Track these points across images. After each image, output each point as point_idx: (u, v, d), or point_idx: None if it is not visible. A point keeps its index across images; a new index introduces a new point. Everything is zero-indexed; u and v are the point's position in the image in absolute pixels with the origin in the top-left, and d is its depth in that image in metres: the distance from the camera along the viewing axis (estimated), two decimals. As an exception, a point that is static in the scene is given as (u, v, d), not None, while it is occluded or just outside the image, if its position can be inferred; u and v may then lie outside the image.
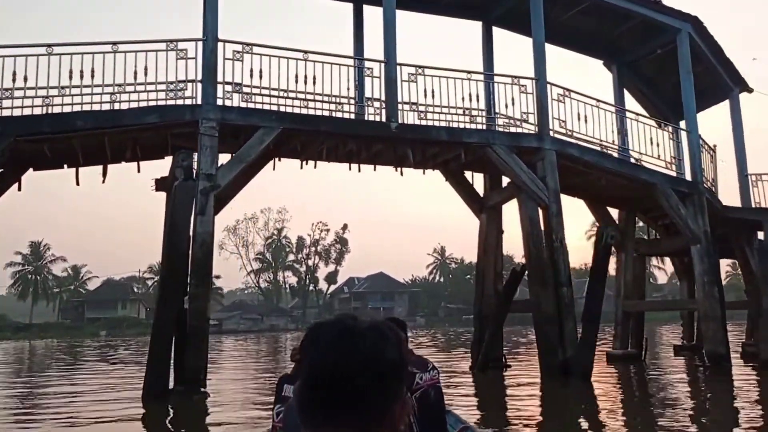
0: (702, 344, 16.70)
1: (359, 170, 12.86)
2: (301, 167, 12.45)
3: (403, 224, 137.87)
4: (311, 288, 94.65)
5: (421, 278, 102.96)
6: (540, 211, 12.14)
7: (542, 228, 12.07)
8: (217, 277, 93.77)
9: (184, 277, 9.58)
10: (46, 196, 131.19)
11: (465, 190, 13.99)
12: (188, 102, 10.37)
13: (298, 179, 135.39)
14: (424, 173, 13.60)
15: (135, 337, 61.92)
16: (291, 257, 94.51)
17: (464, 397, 10.82)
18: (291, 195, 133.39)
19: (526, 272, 12.49)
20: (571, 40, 15.15)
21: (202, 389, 9.51)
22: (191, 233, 9.80)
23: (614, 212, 15.83)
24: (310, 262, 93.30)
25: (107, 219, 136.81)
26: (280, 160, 12.25)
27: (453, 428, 4.09)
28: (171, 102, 10.30)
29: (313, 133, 11.02)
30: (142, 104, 10.20)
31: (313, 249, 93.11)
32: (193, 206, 9.86)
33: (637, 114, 13.78)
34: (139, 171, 11.48)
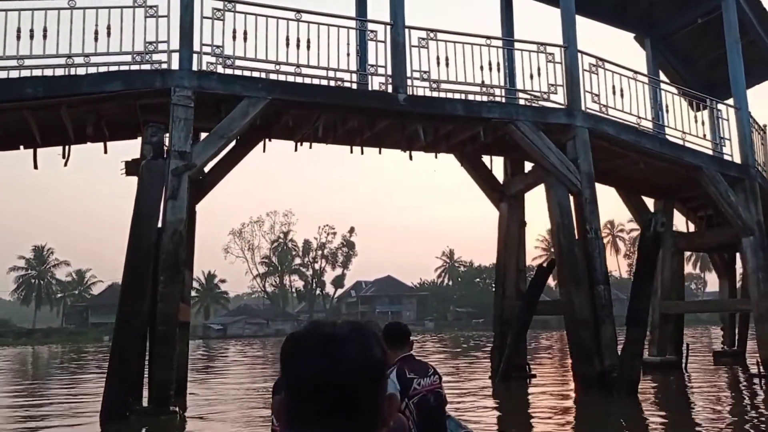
0: (745, 350, 15.06)
1: (362, 152, 11.27)
2: (296, 149, 10.87)
3: (411, 227, 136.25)
4: (318, 292, 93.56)
5: (430, 282, 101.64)
6: (571, 198, 10.51)
7: (574, 217, 10.43)
8: (223, 281, 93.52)
9: (152, 275, 7.99)
10: (48, 198, 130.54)
11: (483, 177, 12.34)
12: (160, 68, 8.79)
13: (304, 181, 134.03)
14: (436, 157, 11.97)
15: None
16: (297, 261, 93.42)
17: (485, 412, 9.20)
18: (297, 198, 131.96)
19: (555, 269, 10.83)
20: (599, 11, 13.47)
21: (173, 408, 7.89)
22: (161, 222, 8.21)
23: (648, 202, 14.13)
24: (316, 266, 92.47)
25: (112, 222, 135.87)
26: (270, 140, 10.67)
27: None
28: (138, 67, 8.73)
29: (307, 105, 9.41)
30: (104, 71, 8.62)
31: (319, 252, 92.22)
32: (163, 190, 8.27)
33: (680, 88, 12.10)
34: (105, 152, 9.95)
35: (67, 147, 9.74)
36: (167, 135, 8.57)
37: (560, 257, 10.36)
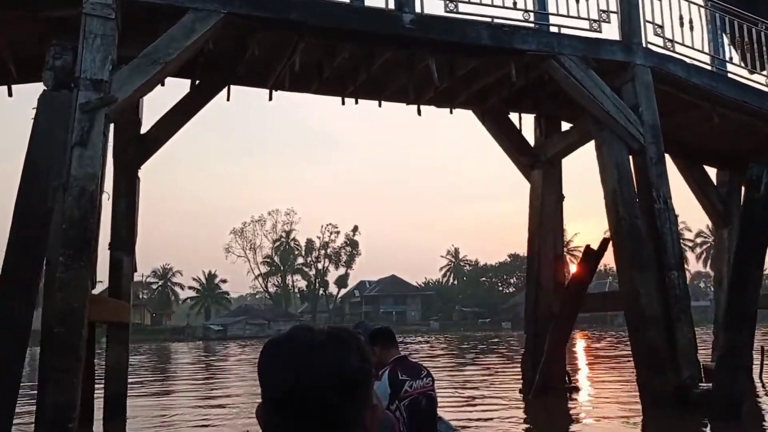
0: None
1: (356, 102, 8.76)
2: (270, 97, 8.37)
3: (416, 225, 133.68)
4: (321, 292, 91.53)
5: (434, 281, 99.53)
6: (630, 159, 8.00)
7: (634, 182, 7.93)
8: (224, 281, 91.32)
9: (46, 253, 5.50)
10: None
11: (510, 137, 9.80)
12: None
13: (306, 180, 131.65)
14: (451, 112, 9.48)
15: (136, 344, 58.50)
16: (300, 260, 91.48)
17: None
18: (299, 196, 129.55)
19: (609, 248, 8.30)
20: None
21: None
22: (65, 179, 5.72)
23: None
24: (319, 266, 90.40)
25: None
26: (234, 84, 8.17)
27: None
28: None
29: (279, 25, 6.88)
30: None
31: (322, 252, 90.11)
32: (69, 133, 5.78)
33: (759, 20, 9.52)
34: (10, 94, 7.46)
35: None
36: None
37: (618, 235, 7.82)
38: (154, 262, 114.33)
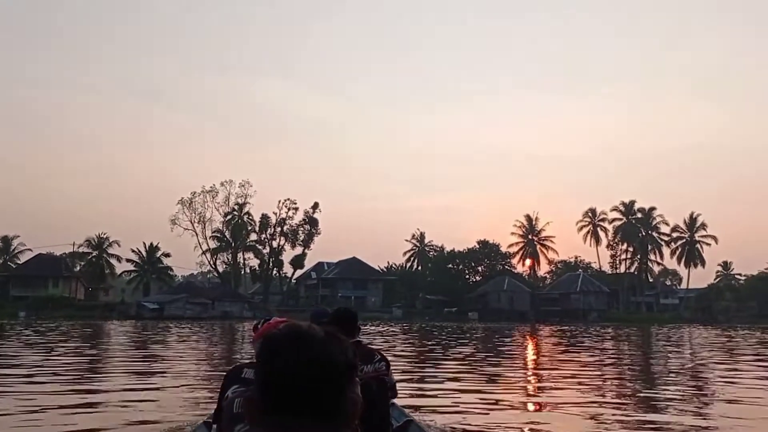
0: None
1: None
2: None
3: (379, 210, 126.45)
4: (275, 272, 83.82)
5: (398, 266, 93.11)
6: None
7: None
8: (167, 255, 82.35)
9: None
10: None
11: None
12: None
13: (265, 155, 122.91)
14: None
15: (62, 320, 49.91)
16: (253, 237, 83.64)
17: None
18: (256, 168, 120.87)
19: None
20: None
21: None
22: None
23: None
24: (274, 244, 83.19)
25: (45, 186, 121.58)
26: None
27: (396, 421, 4.17)
28: None
29: None
30: None
31: (278, 229, 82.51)
32: None
33: None
34: None
35: None
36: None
37: None
38: (89, 230, 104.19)
